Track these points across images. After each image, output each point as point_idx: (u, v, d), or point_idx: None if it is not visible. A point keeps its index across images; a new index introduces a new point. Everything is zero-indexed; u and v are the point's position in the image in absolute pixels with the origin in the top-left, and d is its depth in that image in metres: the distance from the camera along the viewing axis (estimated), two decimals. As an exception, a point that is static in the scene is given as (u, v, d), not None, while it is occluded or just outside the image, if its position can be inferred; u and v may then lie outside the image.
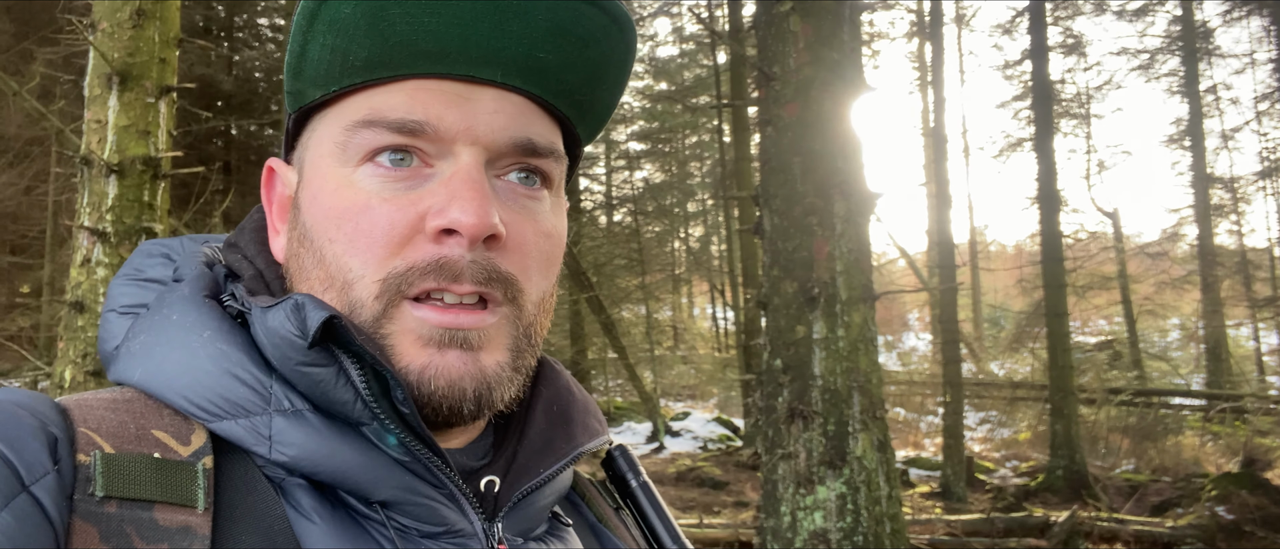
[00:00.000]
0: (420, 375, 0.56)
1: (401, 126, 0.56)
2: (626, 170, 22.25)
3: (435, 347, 0.56)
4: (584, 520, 0.73)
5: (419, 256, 0.56)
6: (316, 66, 0.57)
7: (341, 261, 0.57)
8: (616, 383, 16.77)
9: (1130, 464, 11.67)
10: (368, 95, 0.57)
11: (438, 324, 0.56)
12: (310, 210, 0.59)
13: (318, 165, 0.60)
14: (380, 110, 0.57)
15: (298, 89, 0.59)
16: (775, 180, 3.57)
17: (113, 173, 2.95)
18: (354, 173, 0.57)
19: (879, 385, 3.59)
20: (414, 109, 0.56)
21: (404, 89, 0.57)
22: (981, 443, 14.44)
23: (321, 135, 0.60)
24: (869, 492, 3.38)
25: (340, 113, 0.59)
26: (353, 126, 0.57)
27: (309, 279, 0.59)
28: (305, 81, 0.58)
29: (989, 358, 20.78)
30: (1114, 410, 13.16)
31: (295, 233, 0.61)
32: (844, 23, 3.59)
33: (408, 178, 0.57)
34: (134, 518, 0.48)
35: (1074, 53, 16.50)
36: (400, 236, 0.56)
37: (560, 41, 0.57)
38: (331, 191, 0.58)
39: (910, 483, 10.96)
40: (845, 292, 3.47)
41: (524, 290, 0.59)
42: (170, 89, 3.16)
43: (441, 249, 0.56)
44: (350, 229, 0.57)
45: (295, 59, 0.57)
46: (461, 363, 0.56)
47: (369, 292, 0.56)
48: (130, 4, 2.98)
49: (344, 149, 0.58)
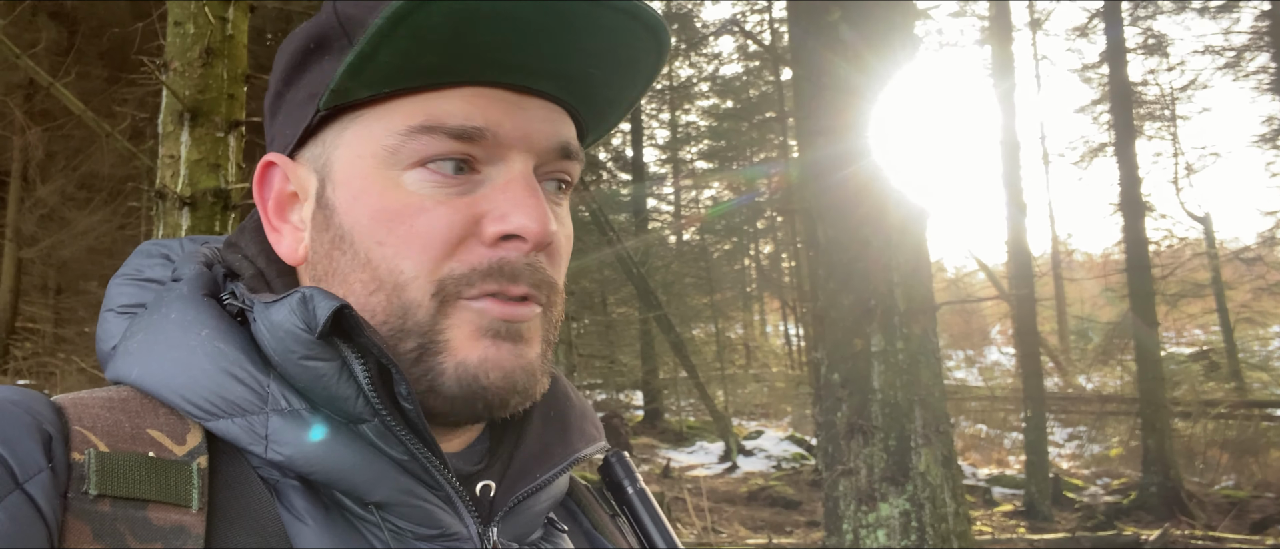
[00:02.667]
0: (480, 367, 0.57)
1: (461, 133, 0.57)
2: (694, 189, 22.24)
3: (490, 338, 0.57)
4: (580, 527, 0.73)
5: (477, 259, 0.57)
6: (381, 69, 0.56)
7: (393, 263, 0.57)
8: (688, 402, 16.67)
9: (1230, 480, 11.07)
10: (423, 99, 0.57)
11: (499, 316, 0.57)
12: (351, 212, 0.59)
13: (357, 166, 0.59)
14: (439, 116, 0.57)
15: (347, 88, 0.57)
16: (829, 192, 3.52)
17: (185, 205, 3.09)
18: (402, 175, 0.57)
19: (942, 399, 3.49)
20: (473, 115, 0.57)
21: (462, 95, 0.57)
22: (1070, 460, 13.89)
23: (362, 135, 0.59)
24: (934, 509, 3.28)
25: (389, 114, 0.58)
26: (409, 131, 0.57)
27: (348, 282, 0.59)
28: (360, 82, 0.57)
29: (1076, 371, 20.00)
30: (1211, 424, 12.51)
31: (327, 235, 0.60)
32: (896, 30, 3.54)
33: (460, 183, 0.58)
34: (128, 517, 0.48)
35: (1156, 53, 15.88)
36: (456, 239, 0.57)
37: (612, 60, 0.59)
38: (379, 193, 0.58)
39: (993, 501, 10.60)
40: (903, 303, 3.39)
41: (556, 290, 0.62)
42: (239, 123, 3.30)
43: (500, 252, 0.57)
44: (404, 231, 0.57)
45: (361, 61, 0.55)
46: (513, 356, 0.58)
47: (424, 292, 0.57)
48: (199, 43, 3.13)
49: (395, 152, 0.57)
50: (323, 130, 0.61)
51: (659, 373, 16.14)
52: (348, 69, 0.55)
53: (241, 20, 3.37)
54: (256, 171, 0.64)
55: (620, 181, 17.98)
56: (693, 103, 20.96)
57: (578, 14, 0.54)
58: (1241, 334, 16.53)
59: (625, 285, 14.58)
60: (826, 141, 3.63)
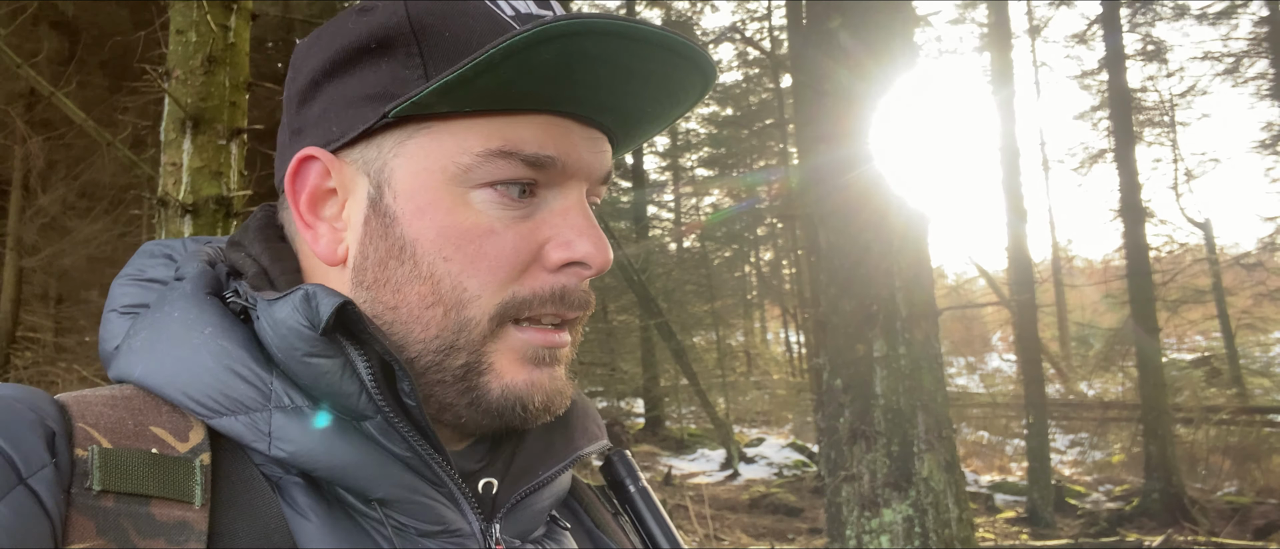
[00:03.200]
0: (526, 391, 0.59)
1: (535, 161, 0.58)
2: (694, 197, 22.24)
3: (534, 364, 0.60)
4: (582, 525, 0.73)
5: (540, 285, 0.59)
6: (476, 93, 0.56)
7: (457, 280, 0.58)
8: (689, 410, 16.65)
9: (1232, 486, 11.04)
10: (498, 122, 0.58)
11: (542, 344, 0.60)
12: (415, 224, 0.58)
13: (424, 179, 0.58)
14: (515, 143, 0.58)
15: (430, 103, 0.57)
16: (830, 197, 3.53)
17: (187, 212, 3.10)
18: (470, 194, 0.58)
19: (944, 404, 3.48)
20: (547, 144, 0.58)
21: (536, 122, 0.58)
22: (1072, 466, 13.86)
23: (429, 149, 0.58)
24: (937, 514, 3.28)
25: (464, 132, 0.58)
26: (486, 154, 0.57)
27: (402, 292, 0.59)
28: (449, 100, 0.56)
29: (1078, 377, 19.97)
30: (1213, 430, 12.48)
31: (385, 243, 0.59)
32: (896, 37, 3.55)
33: (524, 206, 0.59)
34: (131, 512, 0.48)
35: (1155, 60, 15.91)
36: (523, 263, 0.59)
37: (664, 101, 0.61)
38: (448, 210, 0.58)
39: (996, 508, 10.58)
40: (905, 308, 3.39)
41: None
42: (241, 131, 3.31)
43: (561, 279, 0.60)
44: (472, 251, 0.58)
45: (460, 83, 0.54)
46: (551, 380, 0.61)
47: (484, 312, 0.58)
48: (201, 51, 3.15)
49: (468, 172, 0.58)
50: (381, 135, 0.59)
51: (660, 380, 16.13)
52: (442, 87, 0.54)
53: (243, 28, 3.38)
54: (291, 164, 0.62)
55: (620, 189, 17.99)
56: (693, 110, 20.98)
57: (654, 60, 0.56)
58: (1243, 340, 16.49)
59: (626, 293, 14.57)
60: (828, 148, 3.64)
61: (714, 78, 0.60)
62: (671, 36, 0.55)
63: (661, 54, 0.56)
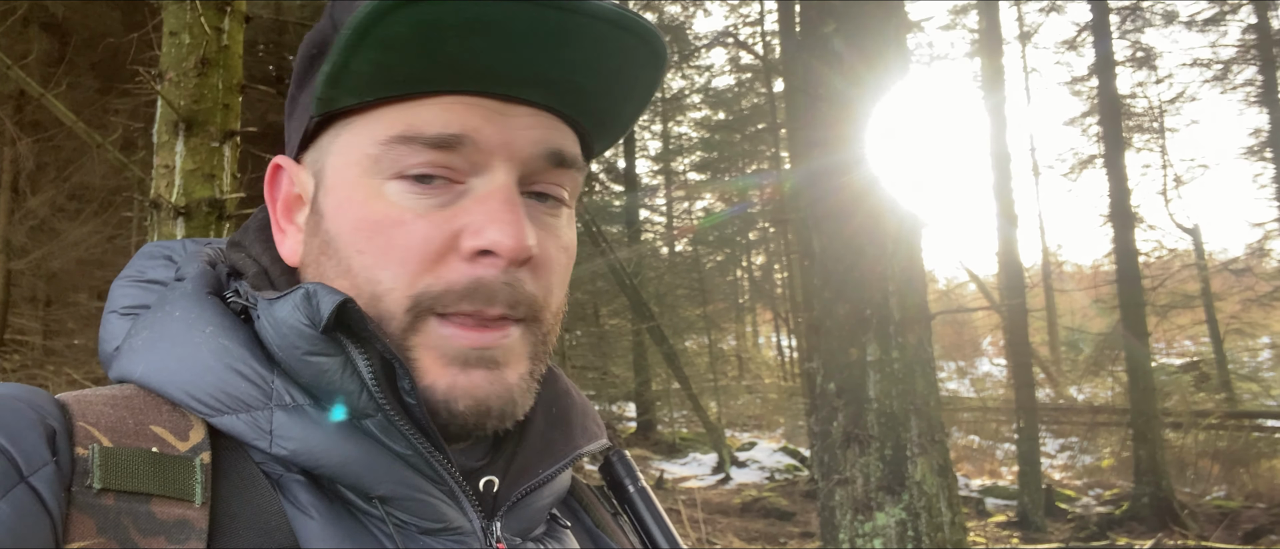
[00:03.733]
0: (447, 395, 0.56)
1: (439, 141, 0.56)
2: (686, 201, 22.27)
3: (459, 366, 0.57)
4: (582, 524, 0.73)
5: (455, 277, 0.56)
6: (356, 78, 0.56)
7: (371, 273, 0.57)
8: (681, 414, 16.66)
9: (1221, 490, 11.10)
10: (404, 108, 0.57)
11: (465, 343, 0.56)
12: (336, 219, 0.59)
13: (344, 174, 0.59)
14: (417, 126, 0.56)
15: (330, 96, 0.57)
16: (824, 202, 3.54)
17: (180, 215, 3.08)
18: (384, 185, 0.57)
19: (937, 408, 3.49)
20: (452, 122, 0.56)
21: (441, 103, 0.56)
22: (1062, 470, 13.91)
23: (350, 143, 0.59)
24: (930, 518, 3.28)
25: (373, 123, 0.58)
26: (389, 141, 0.57)
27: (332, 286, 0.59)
28: (341, 90, 0.57)
29: (1068, 382, 20.05)
30: (1202, 434, 12.54)
31: (316, 239, 0.61)
32: (889, 42, 3.56)
33: (439, 192, 0.57)
34: (131, 511, 0.48)
35: (1144, 66, 16.02)
36: (434, 253, 0.56)
37: (600, 67, 0.57)
38: (361, 202, 0.58)
39: (987, 512, 10.61)
40: (899, 312, 3.40)
41: (546, 306, 0.60)
42: (234, 133, 3.30)
43: (476, 270, 0.56)
44: (382, 242, 0.57)
45: (336, 70, 0.55)
46: (487, 382, 0.57)
47: (398, 305, 0.56)
48: (194, 53, 3.13)
49: (377, 162, 0.57)
50: (321, 135, 0.61)
51: (652, 384, 16.13)
52: (326, 79, 0.55)
53: (237, 30, 3.37)
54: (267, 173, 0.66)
55: (613, 193, 18.00)
56: (685, 114, 21.01)
57: (554, 22, 0.53)
58: (1231, 345, 16.59)
59: (618, 297, 14.57)
60: (821, 152, 3.64)
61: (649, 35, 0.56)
62: None
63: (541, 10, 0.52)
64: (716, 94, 20.16)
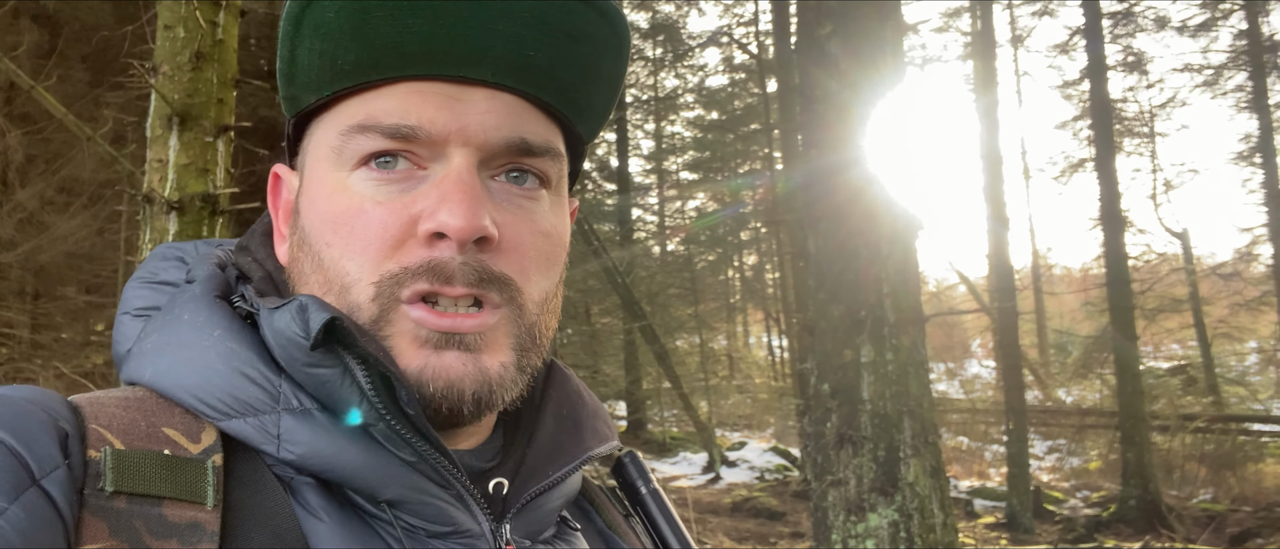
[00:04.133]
0: (418, 376, 0.56)
1: (395, 132, 0.56)
2: (678, 200, 22.28)
3: (432, 348, 0.56)
4: (593, 526, 0.73)
5: (411, 259, 0.56)
6: (307, 72, 0.57)
7: (339, 265, 0.58)
8: (671, 413, 16.66)
9: (1208, 493, 11.17)
10: (363, 99, 0.58)
11: (435, 327, 0.56)
12: (308, 214, 0.60)
13: (314, 170, 0.61)
14: (374, 115, 0.57)
15: (292, 94, 0.59)
16: (819, 203, 3.54)
17: (173, 210, 3.06)
18: (348, 177, 0.58)
19: (931, 410, 3.51)
20: (407, 113, 0.56)
21: (397, 92, 0.57)
22: (1050, 472, 13.97)
23: (319, 140, 0.61)
24: (923, 519, 3.29)
25: (336, 117, 0.59)
26: (348, 131, 0.58)
27: (309, 283, 0.60)
28: (299, 87, 0.58)
29: (1056, 384, 20.14)
30: (1189, 437, 12.62)
31: (295, 237, 0.62)
32: (885, 45, 3.57)
33: (401, 179, 0.57)
34: (143, 513, 0.48)
35: (1135, 70, 16.10)
36: (393, 239, 0.57)
37: (549, 39, 0.57)
38: (327, 196, 0.59)
39: (975, 513, 10.66)
40: (893, 314, 3.41)
41: (523, 290, 0.59)
42: (228, 128, 3.28)
43: (432, 252, 0.56)
44: (346, 233, 0.57)
45: (286, 65, 0.57)
46: (460, 363, 0.57)
47: (365, 294, 0.57)
48: (189, 47, 3.12)
49: (339, 153, 0.58)
50: (301, 139, 0.63)
51: (642, 383, 16.14)
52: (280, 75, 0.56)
53: (232, 25, 3.35)
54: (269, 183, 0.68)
55: (605, 192, 17.99)
56: (678, 114, 21.01)
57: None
58: (1219, 349, 16.71)
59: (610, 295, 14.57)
60: (817, 153, 3.65)
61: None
62: None
63: None
64: (710, 93, 20.17)
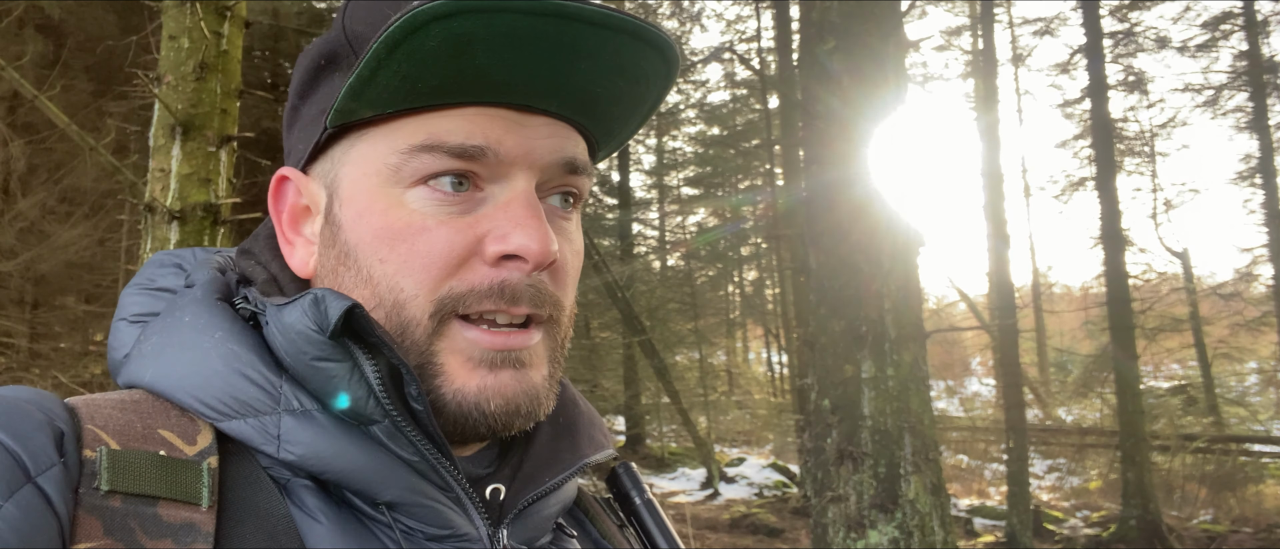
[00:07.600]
0: (479, 396, 0.57)
1: (462, 152, 0.57)
2: (679, 215, 22.30)
3: (487, 368, 0.58)
4: (588, 534, 0.74)
5: (478, 279, 0.57)
6: (382, 90, 0.56)
7: (393, 281, 0.58)
8: (670, 428, 16.62)
9: (1208, 514, 11.12)
10: (425, 119, 0.58)
11: (490, 347, 0.58)
12: (355, 229, 0.59)
13: (362, 184, 0.60)
14: (439, 136, 0.57)
15: (351, 108, 0.58)
16: (821, 218, 3.54)
17: (175, 219, 3.07)
18: (405, 193, 0.58)
19: (931, 426, 3.49)
20: (474, 134, 0.57)
21: (463, 115, 0.57)
22: (1050, 492, 13.92)
23: (366, 154, 0.60)
24: (923, 536, 3.28)
25: (392, 134, 0.58)
26: (411, 150, 0.57)
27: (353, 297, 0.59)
28: (363, 102, 0.57)
29: (1056, 403, 20.10)
30: (1190, 458, 12.58)
31: (333, 250, 0.61)
32: (887, 61, 3.58)
33: (462, 201, 0.58)
34: (138, 513, 0.49)
35: (1136, 90, 16.15)
36: (458, 258, 0.57)
37: (617, 79, 0.59)
38: (382, 211, 0.58)
39: (975, 532, 10.61)
40: (894, 330, 3.41)
41: (563, 308, 0.62)
42: (231, 138, 3.29)
43: (501, 273, 0.58)
44: (405, 250, 0.57)
45: (361, 83, 0.55)
46: (516, 382, 0.58)
47: (422, 311, 0.57)
48: (194, 58, 3.13)
49: (397, 171, 0.58)
50: (332, 147, 0.62)
51: (641, 398, 16.10)
52: (349, 90, 0.56)
53: (236, 36, 3.36)
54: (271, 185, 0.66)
55: (606, 207, 18.02)
56: (680, 129, 21.06)
57: (577, 35, 0.54)
58: (1219, 369, 16.68)
59: (609, 310, 14.56)
60: (819, 169, 3.66)
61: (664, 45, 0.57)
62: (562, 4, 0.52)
63: (567, 23, 0.53)
64: (711, 109, 20.22)
